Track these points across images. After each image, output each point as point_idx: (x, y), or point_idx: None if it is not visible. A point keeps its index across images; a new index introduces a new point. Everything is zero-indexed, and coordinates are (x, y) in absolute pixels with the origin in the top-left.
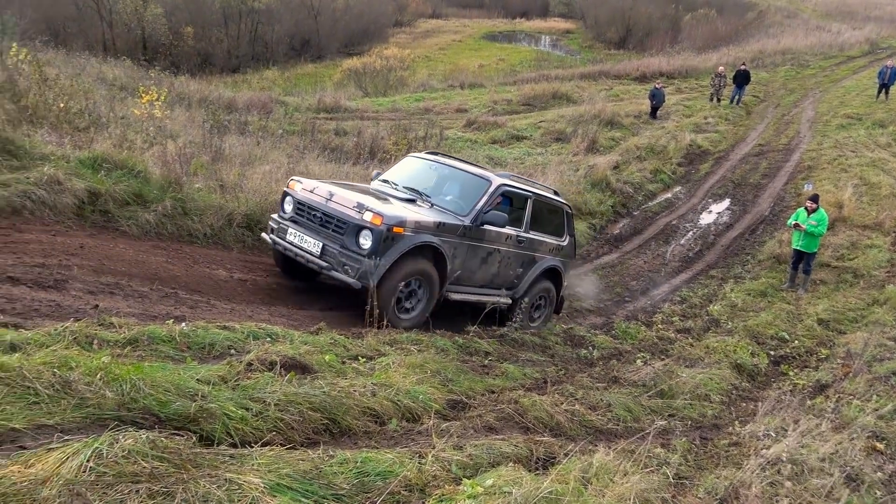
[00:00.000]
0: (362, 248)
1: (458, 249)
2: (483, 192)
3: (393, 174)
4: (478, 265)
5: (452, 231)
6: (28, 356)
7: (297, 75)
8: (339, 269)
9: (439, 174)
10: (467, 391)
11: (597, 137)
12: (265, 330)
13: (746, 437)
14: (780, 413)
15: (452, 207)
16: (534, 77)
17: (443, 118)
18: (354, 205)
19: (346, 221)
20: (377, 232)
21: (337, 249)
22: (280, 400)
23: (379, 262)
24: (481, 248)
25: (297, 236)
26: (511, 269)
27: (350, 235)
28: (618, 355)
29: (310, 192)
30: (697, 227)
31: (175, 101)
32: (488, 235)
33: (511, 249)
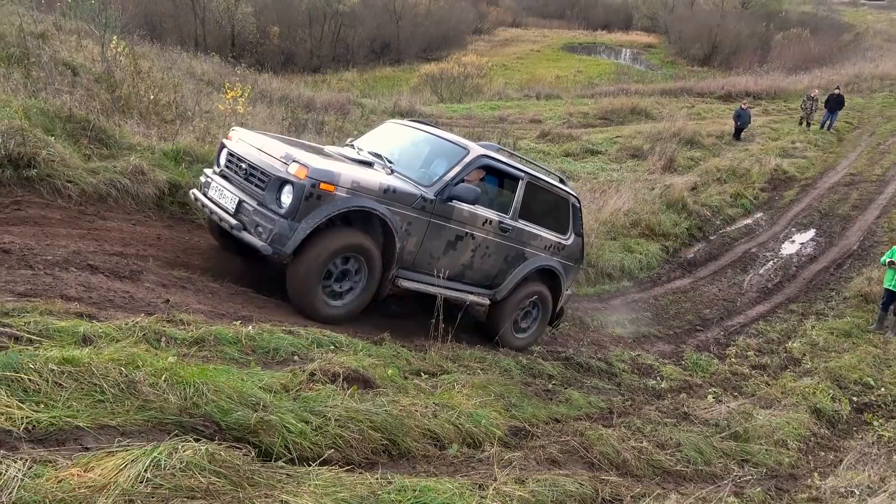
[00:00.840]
0: (279, 206)
1: (413, 225)
2: (456, 161)
3: (364, 140)
4: (441, 249)
5: (406, 201)
6: (98, 351)
7: (375, 78)
8: (249, 230)
9: (412, 141)
10: (530, 418)
11: (675, 156)
12: (329, 337)
13: (827, 493)
14: (864, 468)
15: (416, 177)
16: (612, 91)
17: (516, 128)
18: (282, 155)
19: (269, 174)
20: (299, 187)
21: (252, 206)
22: (341, 416)
23: (298, 224)
24: (447, 229)
25: (218, 191)
26: (490, 261)
27: (271, 191)
28: (688, 388)
29: (243, 142)
30: (778, 257)
31: (257, 98)
32: (457, 214)
33: (490, 237)
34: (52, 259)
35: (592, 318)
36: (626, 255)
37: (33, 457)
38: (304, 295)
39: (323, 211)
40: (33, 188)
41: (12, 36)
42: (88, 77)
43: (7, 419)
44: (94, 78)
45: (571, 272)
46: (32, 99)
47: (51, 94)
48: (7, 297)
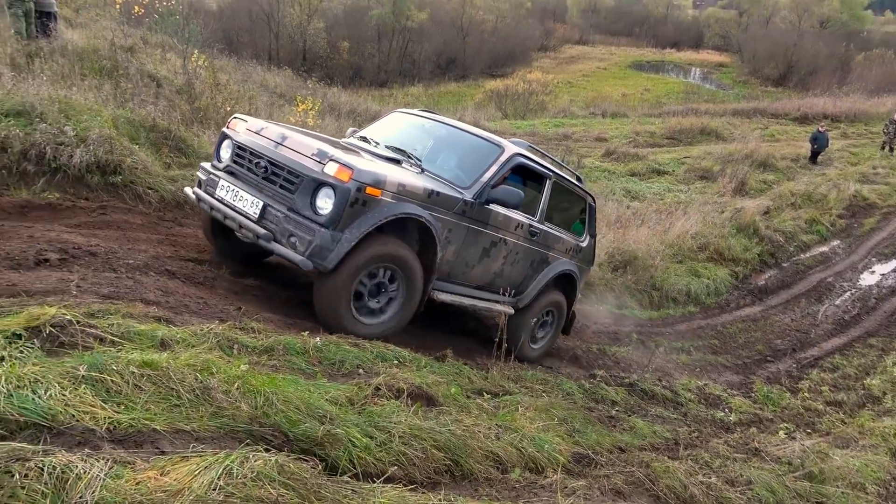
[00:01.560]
0: (319, 213)
1: (452, 232)
2: (492, 160)
3: (373, 131)
4: (477, 257)
5: (448, 205)
6: (175, 356)
7: (440, 93)
8: (282, 241)
9: (433, 135)
10: (594, 445)
11: (747, 179)
12: (393, 352)
13: None
14: None
15: (449, 177)
16: (681, 110)
17: (581, 145)
18: (314, 152)
19: (301, 174)
20: (342, 191)
21: (282, 213)
22: (405, 432)
23: (341, 235)
24: (484, 235)
25: (229, 191)
26: (518, 268)
27: (304, 194)
28: (758, 423)
29: (255, 134)
30: (856, 288)
31: (326, 111)
32: (494, 219)
33: (521, 242)
34: (134, 263)
35: (657, 343)
36: (692, 280)
37: (114, 457)
38: (333, 312)
39: (369, 219)
40: (117, 193)
41: (105, 49)
42: (171, 88)
43: (91, 418)
44: (176, 90)
45: (584, 275)
46: (120, 109)
47: (137, 104)
48: (93, 298)
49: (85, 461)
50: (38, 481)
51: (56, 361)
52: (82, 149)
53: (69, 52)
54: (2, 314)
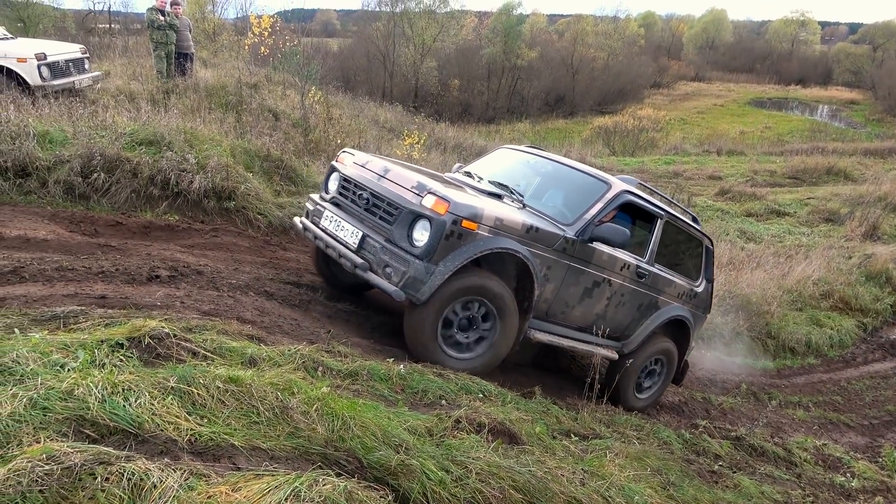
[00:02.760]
0: (415, 245)
1: (552, 269)
2: (597, 197)
3: (479, 167)
4: (578, 297)
5: (548, 242)
6: (260, 374)
7: (547, 129)
8: (377, 271)
9: (539, 172)
10: (691, 501)
11: (879, 223)
12: (478, 385)
13: None
14: None
15: (552, 213)
16: (805, 149)
17: (692, 183)
18: (414, 185)
19: (399, 206)
20: (439, 223)
21: (380, 244)
22: (482, 469)
23: (435, 267)
24: (585, 274)
25: (333, 221)
26: (624, 310)
27: (401, 225)
28: (885, 491)
29: (360, 167)
30: None
31: (433, 145)
32: (598, 258)
33: (627, 284)
34: (236, 283)
35: (770, 395)
36: (813, 329)
37: (191, 469)
38: (421, 342)
39: (463, 252)
40: (230, 218)
41: (231, 86)
42: (287, 122)
43: (175, 429)
44: (292, 123)
45: (699, 322)
46: (239, 140)
47: (254, 135)
48: (193, 314)
49: (162, 470)
50: (117, 486)
51: (150, 371)
52: (201, 175)
53: (200, 88)
54: (111, 324)
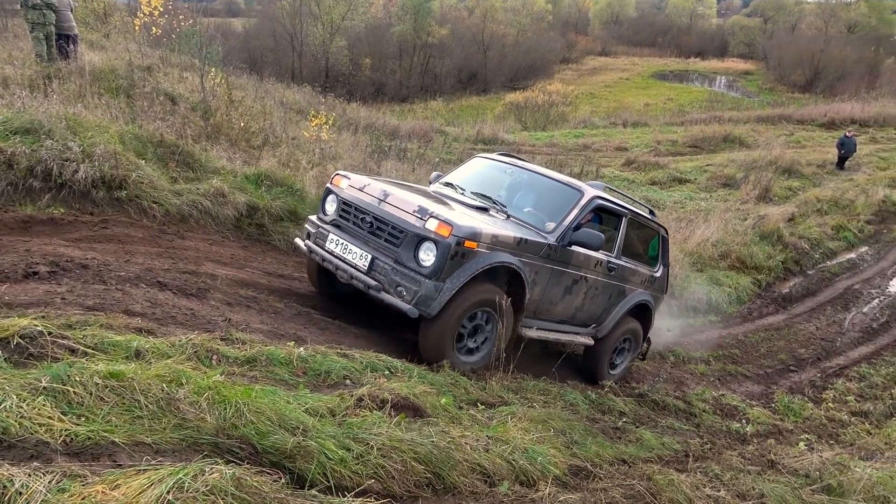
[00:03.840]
0: (422, 266)
1: (539, 274)
2: (573, 204)
3: (457, 177)
4: (560, 295)
5: (535, 251)
6: (145, 366)
7: (460, 107)
8: (390, 291)
9: (515, 180)
10: (594, 457)
11: (771, 185)
12: (385, 362)
13: None
14: None
15: (533, 221)
16: (704, 118)
17: (601, 155)
18: (415, 209)
19: (404, 229)
20: (444, 245)
21: (389, 265)
22: (384, 444)
23: (443, 284)
24: (566, 275)
25: (339, 244)
26: (597, 301)
27: (407, 248)
28: (777, 434)
29: (359, 191)
30: (885, 295)
31: (343, 126)
32: (576, 259)
33: (600, 278)
34: (125, 275)
35: (673, 353)
36: (713, 288)
37: (64, 471)
38: (439, 352)
39: (467, 269)
40: (122, 208)
41: (122, 69)
42: (186, 106)
43: (47, 431)
44: (191, 107)
45: (659, 302)
46: (129, 125)
47: (147, 121)
48: (75, 310)
49: (29, 475)
50: None
51: (20, 373)
52: (87, 164)
53: (86, 72)
54: None
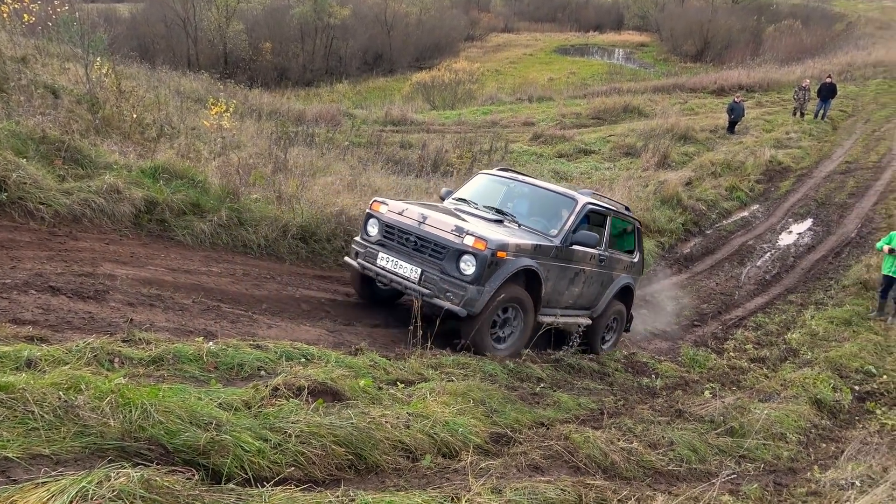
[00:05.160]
0: (464, 274)
1: (550, 272)
2: (570, 211)
3: (468, 192)
4: (565, 286)
5: (546, 253)
6: (39, 376)
7: (367, 89)
8: (441, 297)
9: (518, 193)
10: (513, 423)
11: (669, 152)
12: (300, 350)
13: (827, 486)
14: (866, 458)
15: (540, 228)
16: (605, 90)
17: (509, 131)
18: (453, 228)
19: (446, 246)
20: (481, 257)
21: (437, 275)
22: (302, 431)
23: (483, 288)
24: (569, 269)
25: (389, 261)
26: (593, 288)
27: (450, 260)
28: (684, 385)
29: (398, 215)
30: (776, 249)
31: (247, 114)
32: (576, 255)
33: (594, 269)
34: (11, 283)
35: None
36: None
37: None
38: (480, 342)
39: (500, 274)
40: (4, 211)
41: None
42: (70, 98)
43: None
44: (77, 99)
45: (637, 283)
46: (4, 122)
47: (25, 116)
48: None
49: None
50: None
51: None
52: None
53: None
54: None
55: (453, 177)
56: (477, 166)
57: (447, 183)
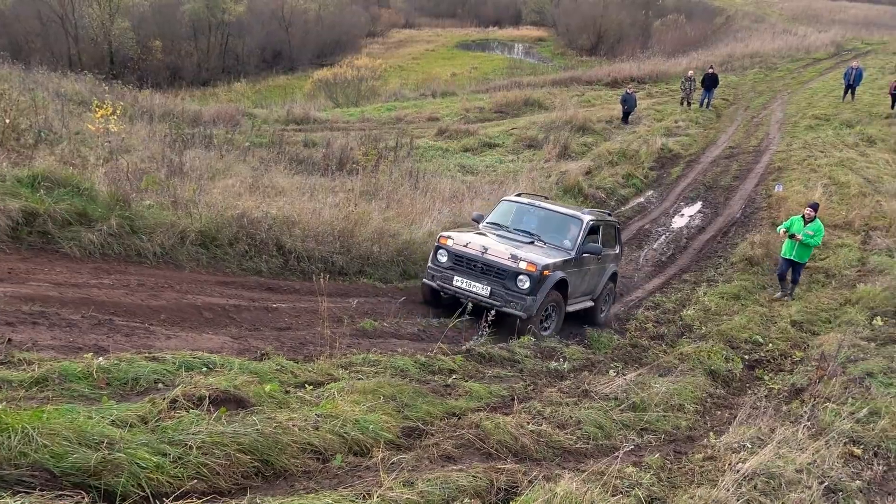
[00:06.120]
0: (521, 289)
1: (571, 276)
2: (579, 229)
3: (498, 217)
4: (579, 283)
5: (569, 264)
6: None
7: (267, 87)
8: (508, 306)
9: (539, 216)
10: (424, 416)
11: (569, 143)
12: (201, 359)
13: (721, 450)
14: (755, 421)
15: (556, 243)
16: (506, 84)
17: (414, 127)
18: (508, 256)
19: (506, 269)
20: (534, 277)
21: (502, 291)
22: (204, 442)
23: (536, 298)
24: (581, 271)
25: (463, 282)
26: (594, 279)
27: (510, 279)
28: (590, 366)
29: (464, 247)
30: (670, 231)
31: (137, 116)
32: (585, 261)
33: (594, 266)
34: None
35: None
36: None
37: None
38: (535, 334)
39: (546, 286)
40: None
41: None
42: None
43: None
44: None
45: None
46: None
47: None
48: None
49: None
50: None
51: None
52: None
53: None
54: None
55: (359, 175)
56: (384, 163)
57: (353, 181)
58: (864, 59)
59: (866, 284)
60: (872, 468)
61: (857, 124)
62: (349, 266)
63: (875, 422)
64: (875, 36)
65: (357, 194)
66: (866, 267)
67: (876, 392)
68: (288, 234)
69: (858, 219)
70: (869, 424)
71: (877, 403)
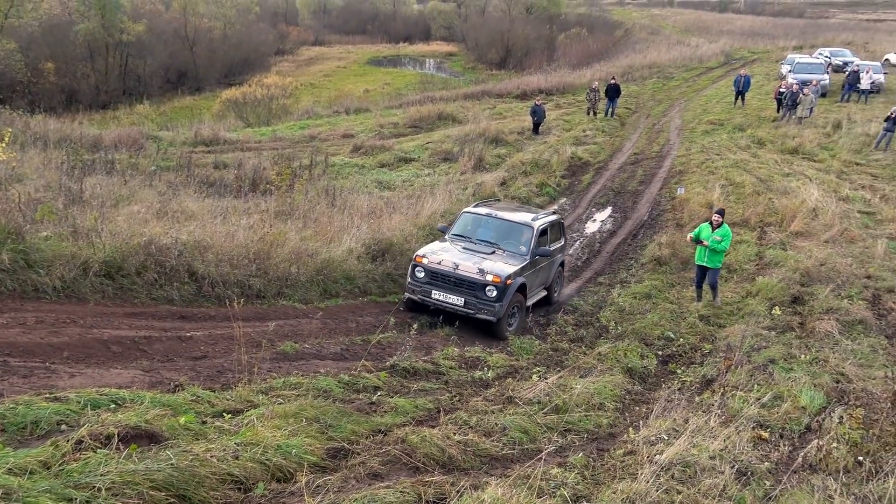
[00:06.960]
0: (490, 297)
1: (528, 277)
2: (531, 235)
3: (461, 229)
4: (535, 280)
5: (525, 268)
6: None
7: (173, 109)
8: (480, 313)
9: (495, 226)
10: (350, 436)
11: (483, 155)
12: (108, 395)
13: (640, 444)
14: (670, 413)
15: (515, 250)
16: (419, 99)
17: (329, 144)
18: (476, 271)
19: (476, 282)
20: (499, 286)
21: (474, 300)
22: (114, 482)
23: (503, 303)
24: (536, 270)
25: (440, 294)
26: (546, 272)
27: (480, 290)
28: (513, 373)
29: (438, 264)
30: (584, 236)
31: (29, 143)
32: (538, 261)
33: (545, 262)
34: None
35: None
36: None
37: None
38: (501, 333)
39: (509, 293)
40: None
41: None
42: None
43: None
44: None
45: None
46: None
47: None
48: None
49: None
50: None
51: None
52: None
53: None
54: None
55: (274, 195)
56: (299, 182)
57: (268, 202)
58: (751, 66)
59: (764, 277)
60: (779, 449)
61: (748, 128)
62: (267, 289)
63: (779, 405)
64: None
65: (272, 215)
66: (763, 261)
67: (778, 377)
68: (200, 259)
69: (754, 216)
70: (774, 408)
71: (779, 388)
